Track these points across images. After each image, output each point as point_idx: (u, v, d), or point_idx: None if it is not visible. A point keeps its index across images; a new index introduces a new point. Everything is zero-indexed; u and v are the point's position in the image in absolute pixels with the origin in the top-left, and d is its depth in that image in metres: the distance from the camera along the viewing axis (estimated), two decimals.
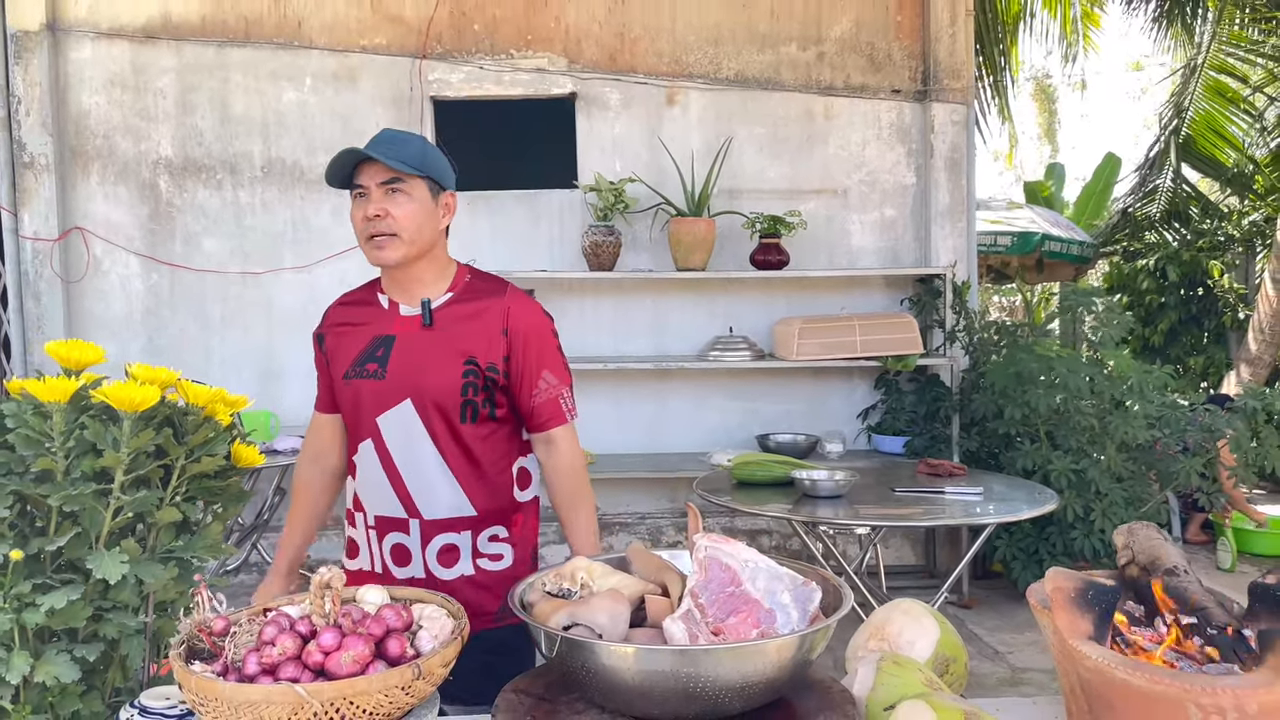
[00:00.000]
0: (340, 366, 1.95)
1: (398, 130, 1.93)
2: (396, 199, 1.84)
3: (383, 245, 1.85)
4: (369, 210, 1.84)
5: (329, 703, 1.06)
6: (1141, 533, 1.64)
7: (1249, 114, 10.27)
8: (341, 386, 1.95)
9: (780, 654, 1.27)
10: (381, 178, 1.83)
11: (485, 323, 1.91)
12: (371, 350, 1.92)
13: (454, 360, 1.88)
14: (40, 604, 1.28)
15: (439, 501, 1.90)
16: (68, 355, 1.33)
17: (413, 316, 1.92)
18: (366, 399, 1.91)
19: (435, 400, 1.87)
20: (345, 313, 2.02)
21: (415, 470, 1.89)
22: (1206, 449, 4.76)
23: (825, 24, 5.52)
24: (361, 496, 1.95)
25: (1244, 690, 1.19)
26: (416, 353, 1.89)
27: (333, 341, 1.99)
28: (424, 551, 1.90)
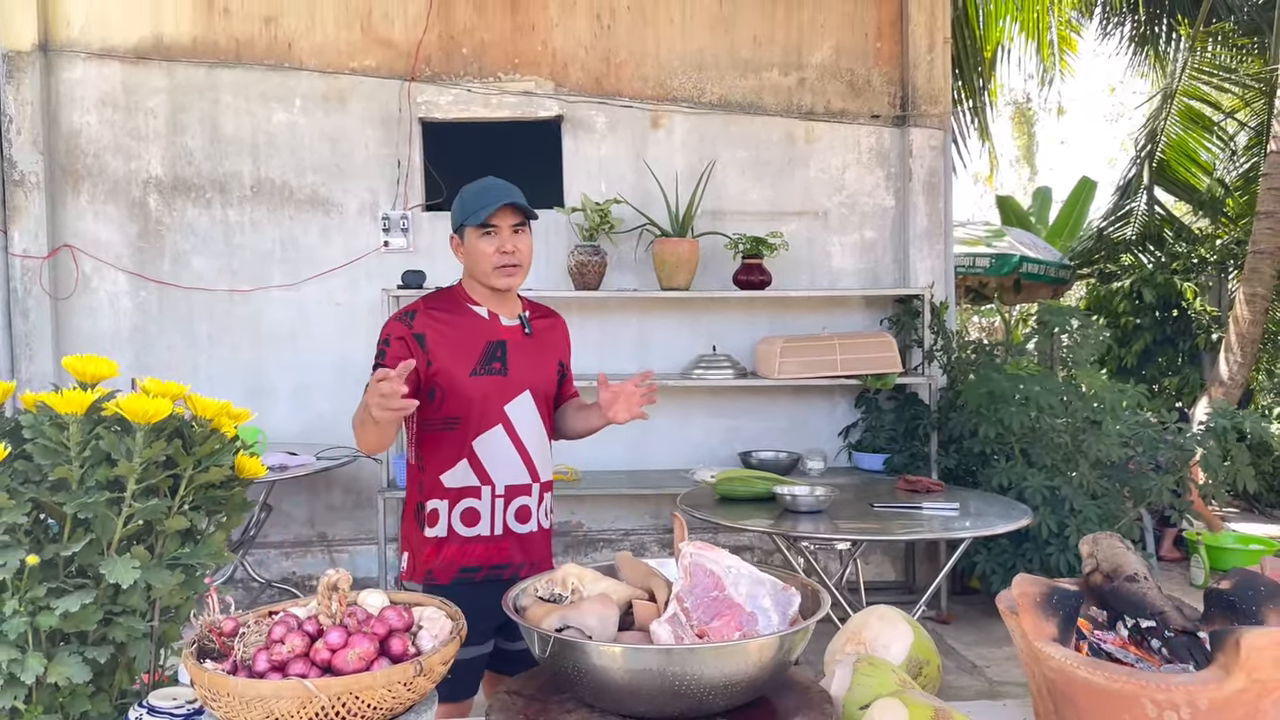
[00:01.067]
0: (461, 365, 2.27)
1: (500, 179, 2.34)
2: (522, 237, 2.30)
3: (513, 274, 2.29)
4: (504, 246, 2.26)
5: (335, 697, 1.13)
6: (1105, 542, 1.72)
7: (1221, 139, 10.49)
8: (466, 383, 2.27)
9: (761, 654, 1.34)
10: (513, 220, 2.28)
11: (559, 333, 2.51)
12: (490, 352, 2.31)
13: (551, 360, 2.43)
14: (54, 607, 1.34)
15: (547, 467, 2.41)
16: (83, 369, 1.39)
17: (513, 326, 2.37)
18: (494, 392, 2.29)
19: (544, 391, 2.38)
20: (441, 317, 2.32)
21: (536, 445, 2.37)
22: (1178, 467, 4.86)
23: (806, 50, 5.65)
24: (491, 472, 2.30)
25: (1195, 686, 1.27)
26: (527, 354, 2.37)
27: (437, 342, 2.28)
28: (539, 507, 2.37)
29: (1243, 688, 1.24)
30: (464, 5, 5.50)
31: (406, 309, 2.33)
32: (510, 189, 2.29)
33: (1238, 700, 1.25)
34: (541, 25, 5.53)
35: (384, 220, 5.47)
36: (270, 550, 5.48)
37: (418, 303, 2.35)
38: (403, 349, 2.26)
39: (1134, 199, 10.65)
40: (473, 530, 2.30)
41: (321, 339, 5.44)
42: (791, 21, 5.63)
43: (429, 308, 2.33)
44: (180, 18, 5.40)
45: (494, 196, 2.25)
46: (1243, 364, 7.87)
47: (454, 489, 2.30)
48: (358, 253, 5.48)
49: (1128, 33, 10.40)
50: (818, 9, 5.65)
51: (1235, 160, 10.56)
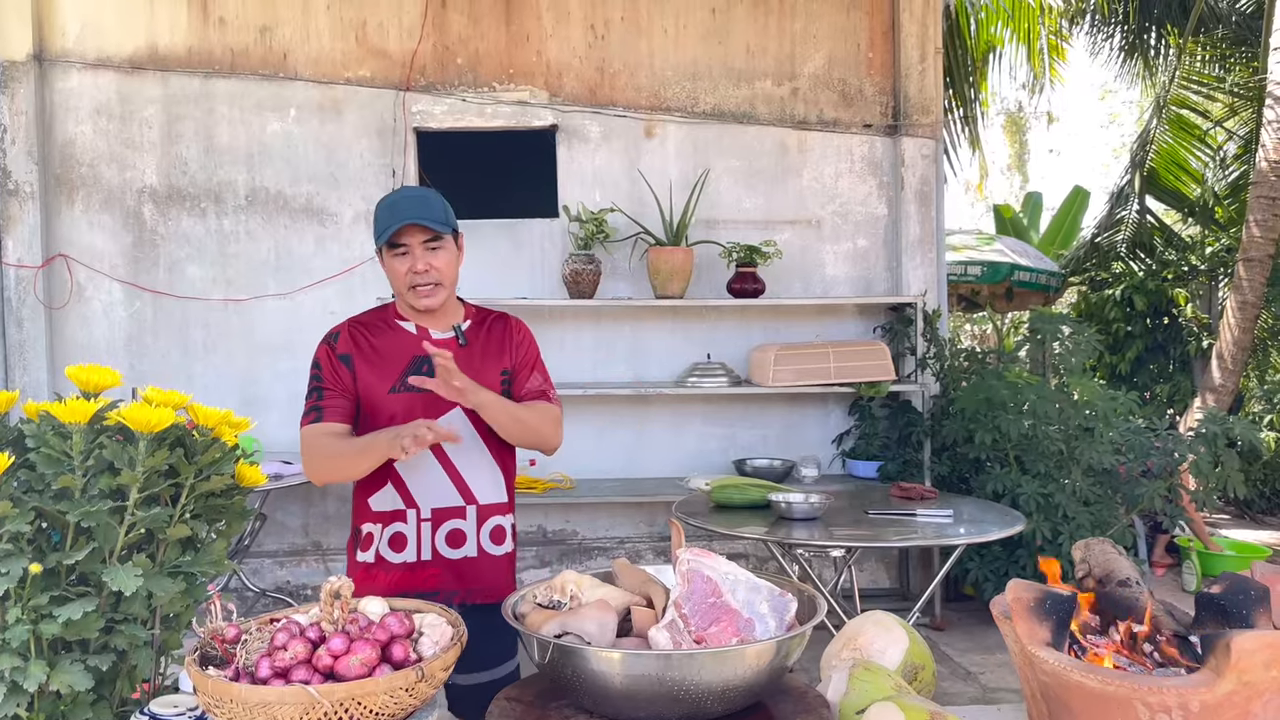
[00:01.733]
0: (381, 383, 2.21)
1: (415, 189, 2.29)
2: (437, 254, 2.20)
3: (430, 293, 2.20)
4: (416, 265, 2.17)
5: (339, 703, 1.14)
6: (1097, 547, 1.74)
7: (1210, 148, 10.56)
8: (386, 400, 2.20)
9: (758, 659, 1.36)
10: (423, 238, 2.17)
11: (504, 337, 2.35)
12: (415, 367, 2.21)
13: (493, 371, 2.28)
14: (57, 615, 1.34)
15: (489, 488, 2.26)
16: (86, 379, 1.40)
17: (445, 339, 2.26)
18: (416, 409, 2.17)
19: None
20: (367, 334, 2.27)
21: (471, 464, 2.24)
22: (1170, 473, 4.89)
23: (799, 61, 5.68)
24: (415, 494, 2.22)
25: (1187, 689, 1.29)
26: (459, 368, 2.16)
27: (360, 361, 2.23)
28: (479, 532, 2.24)
29: (1233, 690, 1.26)
30: (458, 15, 5.53)
31: (333, 330, 2.29)
32: (421, 203, 2.19)
33: (1228, 703, 1.27)
34: (536, 35, 5.56)
35: None
36: (265, 559, 5.47)
37: (344, 323, 2.31)
38: (331, 373, 2.23)
39: (1125, 207, 10.71)
40: (400, 556, 2.22)
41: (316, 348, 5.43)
42: (784, 32, 5.67)
43: (354, 325, 2.29)
44: (175, 28, 5.42)
45: (399, 214, 2.15)
46: (1233, 371, 7.91)
47: (382, 513, 2.24)
48: (352, 262, 5.49)
49: (1118, 42, 10.49)
50: (810, 19, 5.69)
51: (1225, 169, 10.63)
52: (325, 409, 2.21)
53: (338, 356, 2.23)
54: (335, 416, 2.21)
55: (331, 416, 2.21)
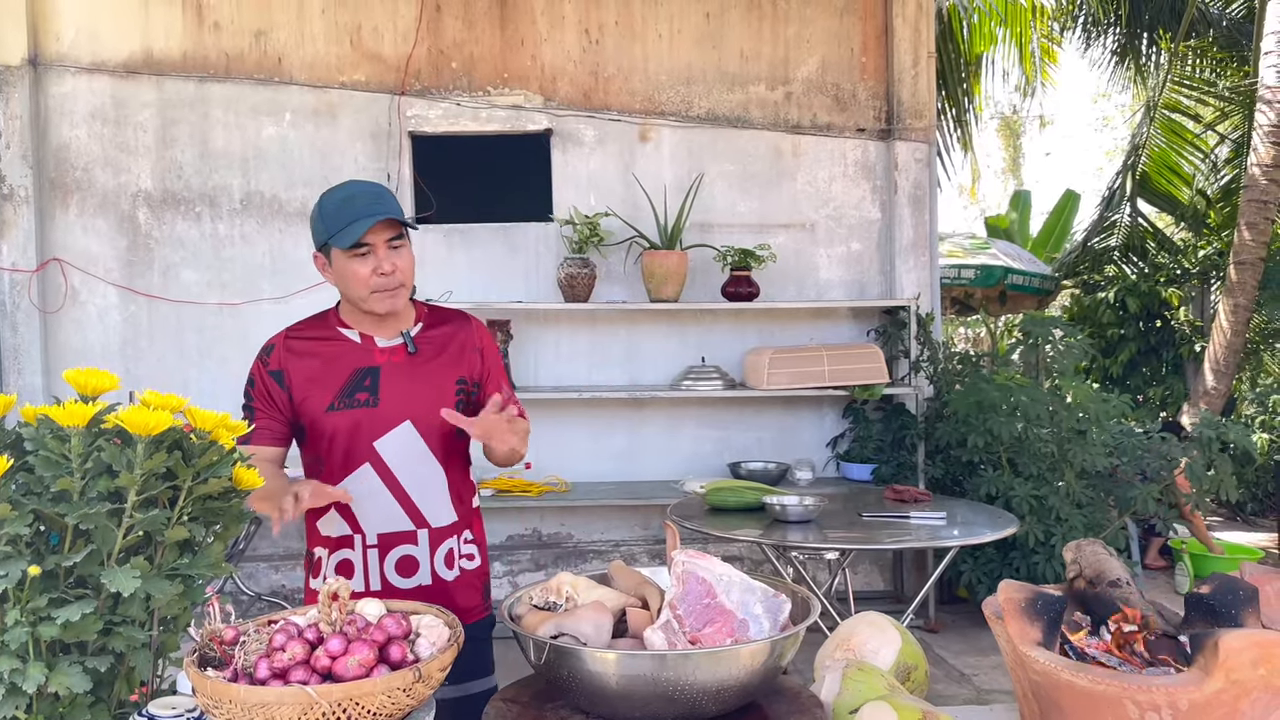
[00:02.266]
0: (318, 400, 2.04)
1: (366, 183, 2.05)
2: (400, 253, 2.02)
3: (397, 295, 2.02)
4: (382, 267, 1.98)
5: (336, 703, 1.15)
6: (1088, 549, 1.76)
7: (1202, 151, 10.62)
8: (324, 419, 2.04)
9: (753, 659, 1.37)
10: (387, 235, 1.99)
11: (461, 344, 2.15)
12: (357, 381, 2.05)
13: (447, 381, 2.09)
14: (55, 618, 1.35)
15: (441, 510, 2.10)
16: (84, 382, 1.41)
17: (392, 347, 2.09)
18: (361, 427, 2.02)
19: (435, 418, 2.00)
20: (302, 348, 2.08)
21: (421, 485, 2.07)
22: (1164, 476, 4.92)
23: (793, 65, 5.71)
24: (360, 518, 2.06)
25: (1176, 688, 1.30)
26: (407, 379, 2.07)
27: (296, 377, 2.06)
28: (432, 557, 2.08)
29: (1221, 688, 1.28)
30: (453, 20, 5.54)
31: (268, 342, 2.11)
32: (380, 198, 2.00)
33: (1217, 701, 1.29)
34: (530, 40, 5.58)
35: None
36: (259, 564, 5.47)
37: (280, 333, 2.12)
38: (263, 392, 2.07)
39: (1117, 210, 10.76)
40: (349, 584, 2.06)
41: None
42: (778, 37, 5.69)
43: (290, 337, 2.10)
44: (170, 32, 5.42)
45: (363, 209, 1.96)
46: (1225, 374, 7.94)
47: (329, 538, 2.09)
48: None
49: (1110, 46, 10.54)
50: (804, 24, 5.71)
51: (1217, 173, 10.68)
52: (256, 429, 2.05)
53: (269, 374, 2.07)
54: (263, 439, 2.05)
55: (266, 438, 2.06)
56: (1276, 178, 7.77)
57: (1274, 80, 7.65)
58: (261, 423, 2.07)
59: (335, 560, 2.09)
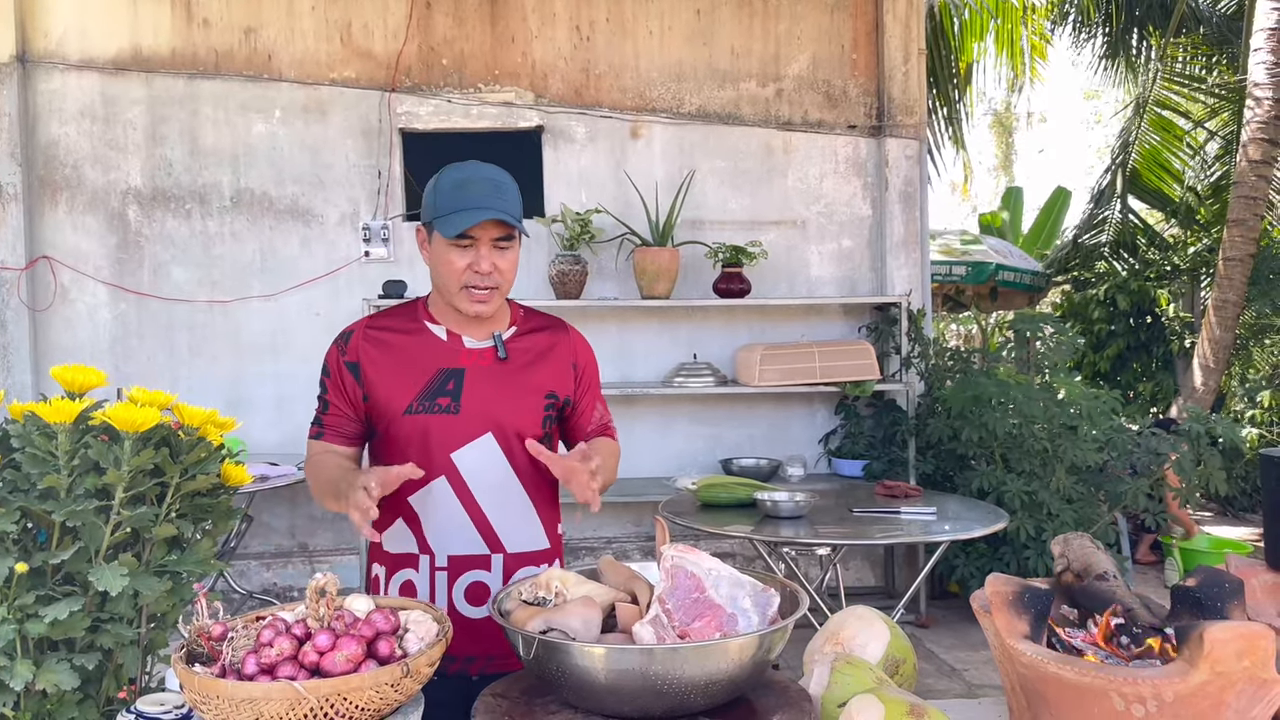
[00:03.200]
0: (396, 401, 1.85)
1: (489, 168, 1.87)
2: (505, 254, 1.84)
3: (487, 299, 1.84)
4: (480, 265, 1.81)
5: (324, 699, 1.15)
6: (1075, 542, 1.76)
7: (1192, 148, 10.66)
8: (399, 422, 1.85)
9: (741, 653, 1.37)
10: (496, 234, 1.82)
11: (558, 356, 1.97)
12: (439, 384, 1.86)
13: (535, 393, 1.91)
14: (43, 615, 1.35)
15: (521, 534, 1.91)
16: (71, 379, 1.41)
17: (481, 349, 1.90)
18: (438, 435, 1.84)
19: (518, 432, 1.86)
20: (384, 339, 1.91)
21: (499, 504, 1.88)
22: (1153, 471, 4.94)
23: (783, 62, 5.71)
24: (430, 536, 1.87)
25: (1161, 680, 1.31)
26: (493, 386, 1.88)
27: (373, 371, 1.87)
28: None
29: (1206, 680, 1.28)
30: (444, 17, 5.53)
31: (348, 328, 1.95)
32: (499, 191, 1.82)
33: (1202, 692, 1.29)
34: (521, 37, 5.57)
35: (364, 230, 5.49)
36: (251, 561, 5.46)
37: (361, 321, 1.95)
38: (337, 384, 1.90)
39: (1108, 207, 10.80)
40: None
41: (302, 350, 5.43)
42: (769, 33, 5.70)
43: (372, 326, 1.93)
44: (159, 29, 5.40)
45: (477, 199, 1.78)
46: (1214, 370, 7.98)
47: (392, 554, 1.89)
48: (338, 263, 5.49)
49: (1099, 44, 10.57)
50: (794, 21, 5.71)
51: (1206, 169, 10.73)
52: (327, 426, 1.92)
53: (346, 364, 1.89)
54: (336, 436, 1.92)
55: (333, 435, 1.92)
56: (1266, 174, 7.81)
57: (1263, 77, 7.69)
58: (335, 418, 1.91)
59: (398, 581, 1.88)
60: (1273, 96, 7.65)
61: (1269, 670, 1.29)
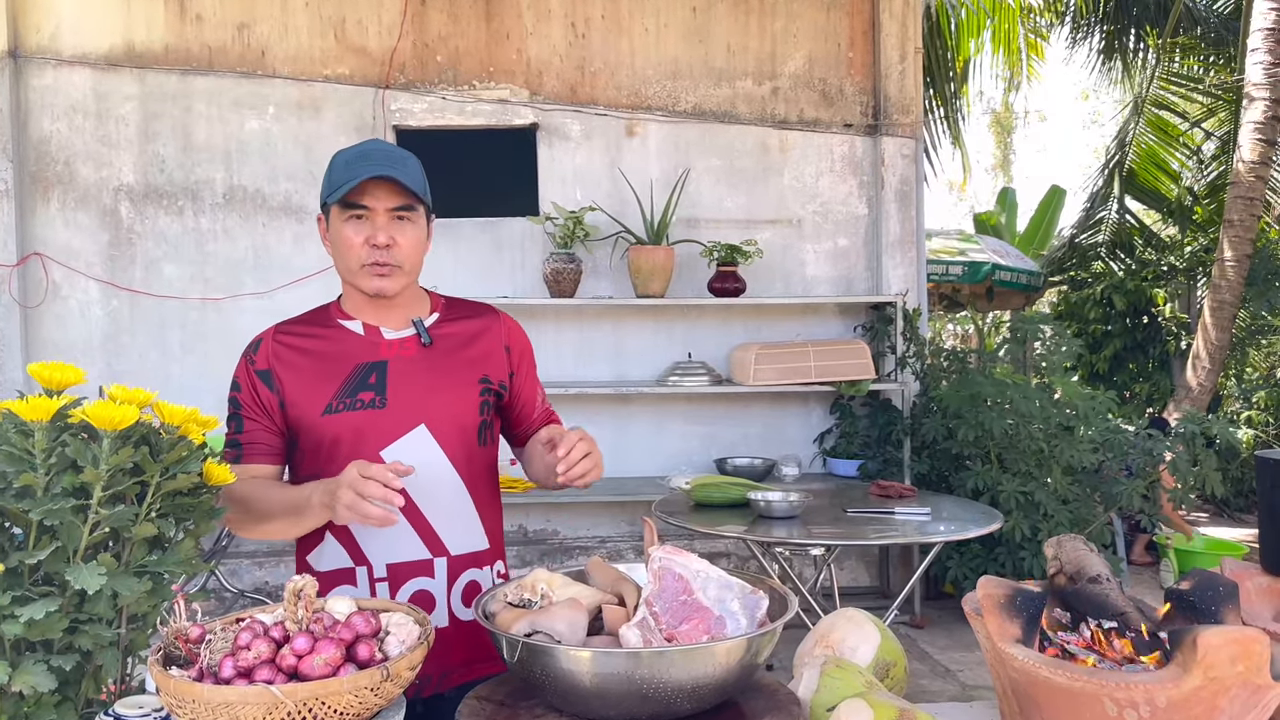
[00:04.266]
0: (312, 402, 1.73)
1: (390, 145, 1.76)
2: (404, 227, 1.72)
3: (387, 274, 1.72)
4: (377, 238, 1.70)
5: (302, 703, 1.13)
6: (1069, 544, 1.75)
7: (1188, 147, 10.66)
8: (318, 425, 1.72)
9: (729, 656, 1.35)
10: (392, 203, 1.70)
11: (488, 340, 1.85)
12: (359, 379, 1.74)
13: (468, 379, 1.79)
14: (19, 616, 1.33)
15: (464, 535, 1.78)
16: (50, 376, 1.38)
17: (402, 339, 1.79)
18: (365, 433, 1.71)
19: (455, 422, 1.75)
20: (295, 341, 1.79)
21: (438, 503, 1.74)
22: (1149, 472, 4.93)
23: (779, 60, 5.69)
24: (365, 546, 1.73)
25: (1154, 685, 1.29)
26: (421, 375, 1.76)
27: (286, 375, 1.74)
28: (449, 593, 1.75)
29: (1200, 685, 1.27)
30: (438, 13, 5.51)
31: (256, 337, 1.80)
32: (396, 161, 1.69)
33: (1195, 697, 1.28)
34: (516, 34, 5.55)
35: None
36: (243, 560, 5.44)
37: (269, 329, 1.81)
38: (251, 396, 1.75)
39: (1104, 207, 10.80)
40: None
41: None
42: (765, 31, 5.68)
43: (282, 331, 1.80)
44: (152, 25, 5.38)
45: (366, 166, 1.66)
46: (1210, 370, 7.97)
47: (324, 573, 1.71)
48: (331, 260, 5.45)
49: (1097, 43, 10.56)
50: (790, 19, 5.69)
51: (1204, 169, 10.73)
52: (245, 446, 1.75)
53: (257, 374, 1.75)
54: (258, 455, 1.74)
55: (254, 455, 1.74)
56: (1262, 175, 7.81)
57: (1260, 77, 7.68)
58: (253, 435, 1.75)
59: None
60: (1269, 97, 7.65)
61: (1263, 675, 1.27)
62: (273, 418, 1.75)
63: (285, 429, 1.76)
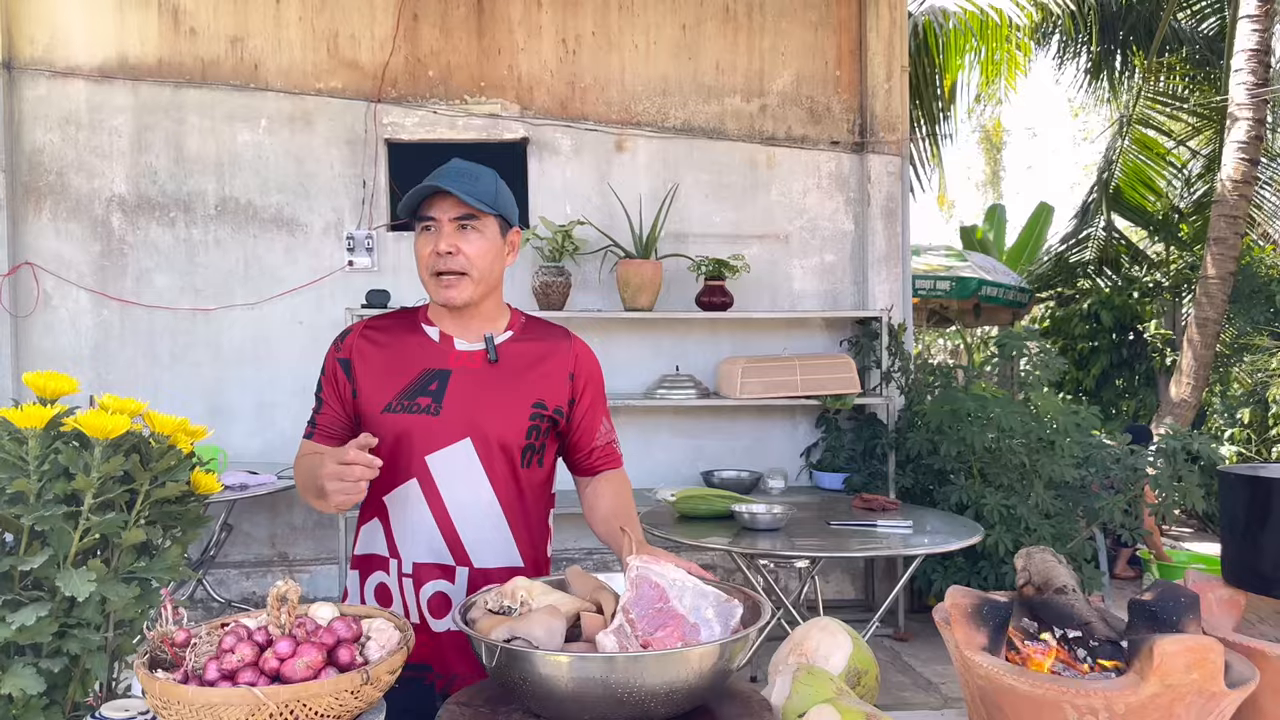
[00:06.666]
0: (377, 398, 1.82)
1: (469, 163, 1.85)
2: (468, 236, 1.79)
3: (452, 284, 1.79)
4: (440, 246, 1.77)
5: (284, 705, 1.16)
6: (1037, 556, 1.79)
7: (1173, 166, 10.77)
8: (377, 420, 1.80)
9: (701, 662, 1.39)
10: (455, 213, 1.78)
11: (553, 365, 1.89)
12: (422, 384, 1.82)
13: (522, 401, 1.84)
14: (10, 620, 1.36)
15: (491, 549, 1.83)
16: (44, 385, 1.42)
17: (471, 352, 1.86)
18: (416, 436, 1.79)
19: (500, 441, 1.81)
20: (378, 338, 1.89)
21: (469, 515, 1.81)
22: (1130, 487, 4.98)
23: (768, 78, 5.76)
24: (398, 541, 1.82)
25: (1112, 692, 1.33)
26: (478, 390, 1.82)
27: (362, 368, 1.85)
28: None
29: (1156, 692, 1.31)
30: (430, 29, 5.56)
31: (348, 327, 1.94)
32: (464, 176, 1.79)
33: (1152, 704, 1.32)
34: (507, 49, 5.60)
35: (349, 240, 5.50)
36: (230, 570, 5.45)
37: (361, 321, 1.95)
38: (330, 381, 1.89)
39: (1091, 224, 10.90)
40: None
41: (284, 358, 5.44)
42: (753, 49, 5.74)
43: (369, 326, 1.92)
44: (146, 38, 5.42)
45: (432, 182, 1.77)
46: (1195, 386, 8.05)
47: (364, 555, 1.87)
48: (322, 272, 5.50)
49: (1083, 63, 10.68)
50: (779, 37, 5.76)
51: (1190, 187, 10.84)
52: (318, 425, 1.90)
53: (339, 361, 1.88)
54: (325, 436, 1.88)
55: (322, 435, 1.89)
56: (1246, 193, 7.91)
57: (1244, 97, 7.79)
58: (326, 418, 1.88)
59: (372, 584, 1.85)
60: (1252, 117, 7.76)
61: (1217, 683, 1.32)
62: (344, 404, 1.87)
63: (354, 417, 1.87)
